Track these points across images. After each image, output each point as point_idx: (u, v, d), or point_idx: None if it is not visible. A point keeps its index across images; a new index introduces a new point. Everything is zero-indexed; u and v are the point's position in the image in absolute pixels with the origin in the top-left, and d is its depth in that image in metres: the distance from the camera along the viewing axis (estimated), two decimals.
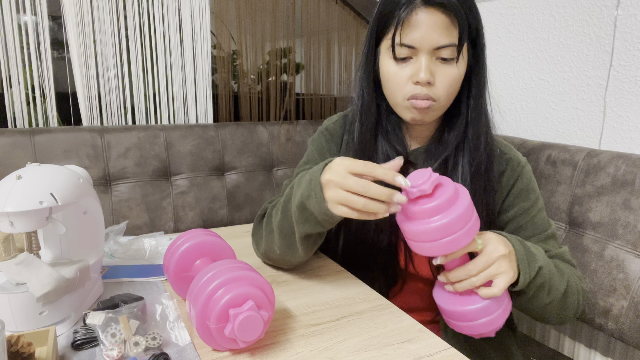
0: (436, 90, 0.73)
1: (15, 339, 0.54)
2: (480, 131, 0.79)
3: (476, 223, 0.63)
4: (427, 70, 0.71)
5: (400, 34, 0.72)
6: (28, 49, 1.27)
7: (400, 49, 0.73)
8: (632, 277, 0.91)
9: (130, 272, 0.84)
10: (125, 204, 1.28)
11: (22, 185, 0.61)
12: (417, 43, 0.71)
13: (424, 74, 0.71)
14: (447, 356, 0.61)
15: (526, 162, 0.87)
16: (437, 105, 0.75)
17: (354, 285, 0.82)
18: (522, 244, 0.71)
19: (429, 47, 0.71)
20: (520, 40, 1.39)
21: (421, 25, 0.70)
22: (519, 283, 0.68)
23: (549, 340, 1.28)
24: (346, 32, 1.77)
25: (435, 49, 0.71)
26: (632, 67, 1.11)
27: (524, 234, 0.83)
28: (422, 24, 0.70)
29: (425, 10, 0.70)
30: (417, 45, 0.71)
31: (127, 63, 1.39)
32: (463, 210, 0.60)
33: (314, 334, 0.66)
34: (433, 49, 0.71)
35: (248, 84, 1.62)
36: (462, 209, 0.60)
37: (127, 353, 0.58)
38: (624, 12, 1.12)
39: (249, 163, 1.45)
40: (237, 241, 1.03)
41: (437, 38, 0.70)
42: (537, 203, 0.85)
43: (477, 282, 0.65)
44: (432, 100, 0.74)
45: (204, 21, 1.46)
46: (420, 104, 0.74)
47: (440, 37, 0.70)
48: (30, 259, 0.63)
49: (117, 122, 1.41)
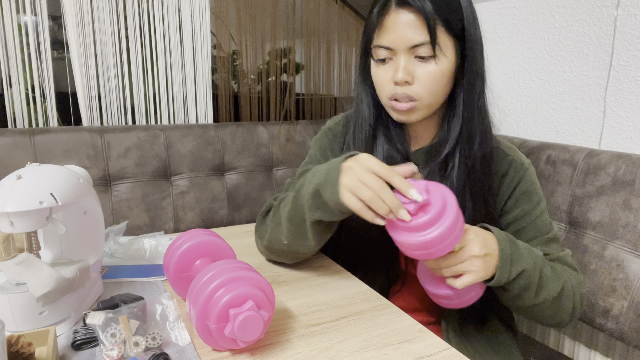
0: (416, 89, 0.74)
1: (15, 339, 0.54)
2: (473, 129, 0.78)
3: (461, 229, 0.66)
4: (404, 69, 0.73)
5: (377, 37, 0.74)
6: (28, 49, 1.27)
7: (379, 51, 0.75)
8: (632, 277, 0.91)
9: (130, 272, 0.84)
10: (125, 204, 1.28)
11: (22, 185, 0.61)
12: (393, 44, 0.73)
13: (401, 74, 0.73)
14: (447, 356, 0.61)
15: (530, 164, 0.86)
16: (420, 104, 0.76)
17: (354, 285, 0.82)
18: (512, 245, 0.72)
19: (404, 46, 0.72)
20: (520, 40, 1.39)
21: (395, 26, 0.72)
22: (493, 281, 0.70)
23: (549, 340, 1.28)
24: (346, 32, 1.77)
25: (411, 48, 0.72)
26: (632, 67, 1.11)
27: (525, 236, 0.83)
28: (396, 24, 0.72)
29: (397, 11, 0.72)
30: (393, 46, 0.73)
31: (127, 63, 1.39)
32: (451, 223, 0.62)
33: (314, 334, 0.66)
34: (409, 48, 0.72)
35: (248, 84, 1.62)
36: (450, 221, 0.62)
37: (127, 353, 0.58)
38: (624, 12, 1.12)
39: (249, 163, 1.45)
40: (237, 241, 1.03)
41: (411, 37, 0.71)
42: (540, 205, 0.84)
43: (446, 273, 0.68)
44: (413, 100, 0.75)
45: (204, 21, 1.46)
46: (400, 107, 0.76)
47: (414, 36, 0.71)
48: (30, 259, 0.63)
49: (117, 122, 1.41)
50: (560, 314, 0.78)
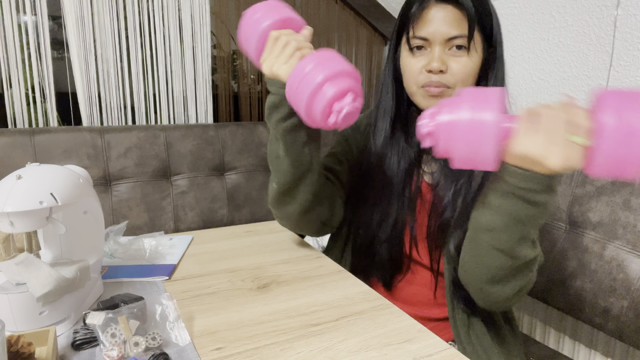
0: (449, 78, 0.78)
1: (15, 339, 0.54)
2: None
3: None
4: (439, 59, 0.77)
5: (414, 29, 0.79)
6: (28, 49, 1.27)
7: (415, 41, 0.80)
8: (632, 277, 0.91)
9: (130, 272, 0.84)
10: (125, 204, 1.28)
11: (22, 185, 0.61)
12: (430, 35, 0.78)
13: (436, 63, 0.77)
14: (447, 356, 0.61)
15: None
16: (451, 92, 0.79)
17: (354, 285, 0.82)
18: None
19: (441, 38, 0.77)
20: (520, 40, 1.39)
21: (434, 20, 0.77)
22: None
23: (549, 340, 1.28)
24: (346, 32, 1.77)
25: (447, 40, 0.77)
26: (632, 67, 1.11)
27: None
28: (434, 18, 0.77)
29: (437, 6, 0.77)
30: (429, 37, 0.78)
31: (127, 63, 1.39)
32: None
33: (314, 334, 0.66)
34: (445, 40, 0.77)
35: (248, 84, 1.62)
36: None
37: (127, 353, 0.58)
38: (624, 12, 1.12)
39: (249, 163, 1.45)
40: (237, 241, 1.03)
41: (449, 30, 0.76)
42: None
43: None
44: (446, 87, 0.79)
45: (204, 21, 1.46)
46: (433, 91, 0.79)
47: (451, 29, 0.76)
48: (30, 259, 0.63)
49: (117, 122, 1.41)
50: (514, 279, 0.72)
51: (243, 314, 0.70)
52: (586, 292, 0.98)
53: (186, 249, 0.97)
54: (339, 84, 0.64)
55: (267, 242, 1.03)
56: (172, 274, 0.85)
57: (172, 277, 0.84)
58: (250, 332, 0.65)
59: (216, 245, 1.01)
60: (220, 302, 0.74)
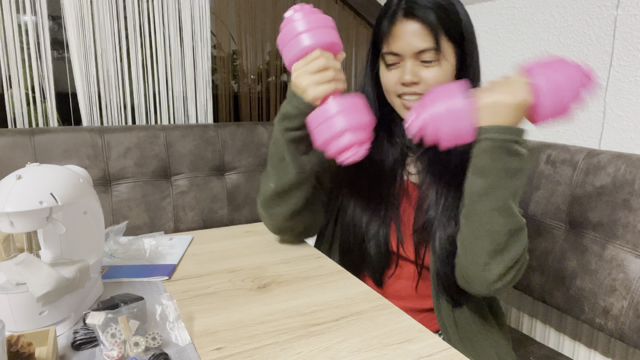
0: (424, 87, 0.82)
1: (15, 339, 0.54)
2: None
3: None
4: (411, 72, 0.82)
5: (385, 44, 0.83)
6: (28, 49, 1.27)
7: (389, 57, 0.84)
8: (632, 277, 0.91)
9: (130, 272, 0.84)
10: (125, 204, 1.28)
11: (22, 185, 0.61)
12: (400, 50, 0.82)
13: (408, 76, 0.82)
14: (447, 356, 0.61)
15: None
16: None
17: (354, 285, 0.82)
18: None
19: (411, 52, 0.81)
20: (520, 40, 1.39)
21: (403, 35, 0.81)
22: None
23: (549, 340, 1.28)
24: (346, 32, 1.77)
25: (417, 54, 0.80)
26: (632, 67, 1.11)
27: None
28: (403, 33, 0.81)
29: (404, 21, 0.80)
30: (400, 52, 0.82)
31: (127, 63, 1.39)
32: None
33: (314, 334, 0.66)
34: (415, 54, 0.81)
35: (248, 84, 1.62)
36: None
37: (127, 353, 0.58)
38: (624, 12, 1.12)
39: (249, 163, 1.45)
40: (237, 241, 1.03)
41: (417, 43, 0.80)
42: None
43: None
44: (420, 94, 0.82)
45: (204, 21, 1.47)
46: (408, 104, 0.84)
47: (419, 42, 0.80)
48: (30, 259, 0.63)
49: (117, 122, 1.41)
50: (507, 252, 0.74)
51: (243, 314, 0.70)
52: (586, 292, 0.98)
53: (186, 249, 0.97)
54: (356, 136, 0.74)
55: (267, 242, 1.03)
56: (172, 274, 0.85)
57: (172, 277, 0.84)
58: (250, 332, 0.65)
59: (216, 245, 1.01)
60: (220, 302, 0.74)
